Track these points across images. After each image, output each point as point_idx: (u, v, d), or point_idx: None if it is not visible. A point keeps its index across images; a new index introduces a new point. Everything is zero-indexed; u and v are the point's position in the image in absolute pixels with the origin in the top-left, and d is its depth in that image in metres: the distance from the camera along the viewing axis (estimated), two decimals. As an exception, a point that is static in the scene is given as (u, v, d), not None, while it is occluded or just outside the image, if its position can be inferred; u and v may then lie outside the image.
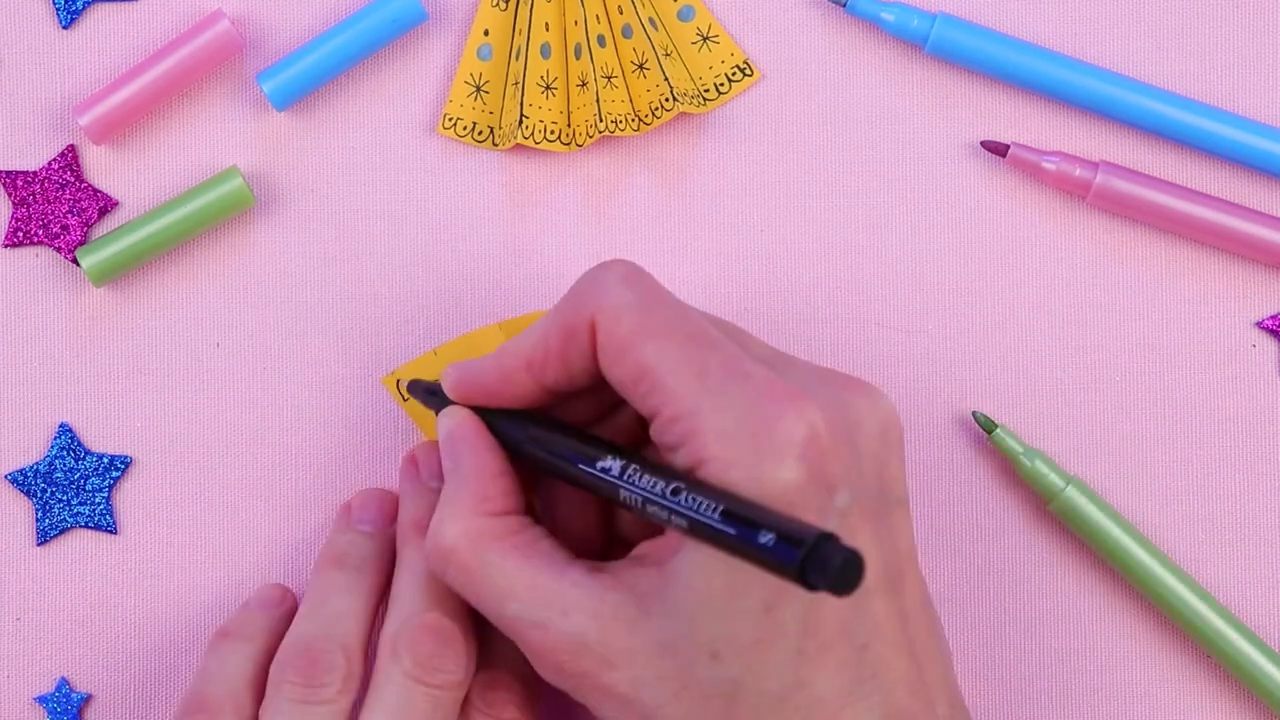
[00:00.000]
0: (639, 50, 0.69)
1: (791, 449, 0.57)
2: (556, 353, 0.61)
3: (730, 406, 0.58)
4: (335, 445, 0.70)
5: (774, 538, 0.52)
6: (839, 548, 0.51)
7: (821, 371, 0.61)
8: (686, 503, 0.56)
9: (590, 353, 0.60)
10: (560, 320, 0.61)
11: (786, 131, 0.70)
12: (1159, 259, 0.70)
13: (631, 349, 0.59)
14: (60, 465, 0.69)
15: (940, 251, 0.70)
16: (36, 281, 0.70)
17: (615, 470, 0.59)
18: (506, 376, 0.62)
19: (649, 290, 0.60)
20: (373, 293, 0.70)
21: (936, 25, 0.69)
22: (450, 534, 0.61)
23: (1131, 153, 0.70)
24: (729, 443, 0.57)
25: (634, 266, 0.61)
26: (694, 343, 0.59)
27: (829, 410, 0.58)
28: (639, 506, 0.58)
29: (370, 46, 0.69)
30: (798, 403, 0.58)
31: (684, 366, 0.58)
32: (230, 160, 0.70)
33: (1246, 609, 0.70)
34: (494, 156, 0.70)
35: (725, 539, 0.54)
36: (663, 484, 0.57)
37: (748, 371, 0.58)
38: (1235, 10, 0.70)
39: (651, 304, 0.60)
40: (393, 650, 0.62)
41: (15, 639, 0.69)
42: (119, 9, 0.70)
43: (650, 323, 0.59)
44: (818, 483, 0.57)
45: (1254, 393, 0.70)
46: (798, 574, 0.51)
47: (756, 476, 0.57)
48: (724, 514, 0.55)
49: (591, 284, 0.61)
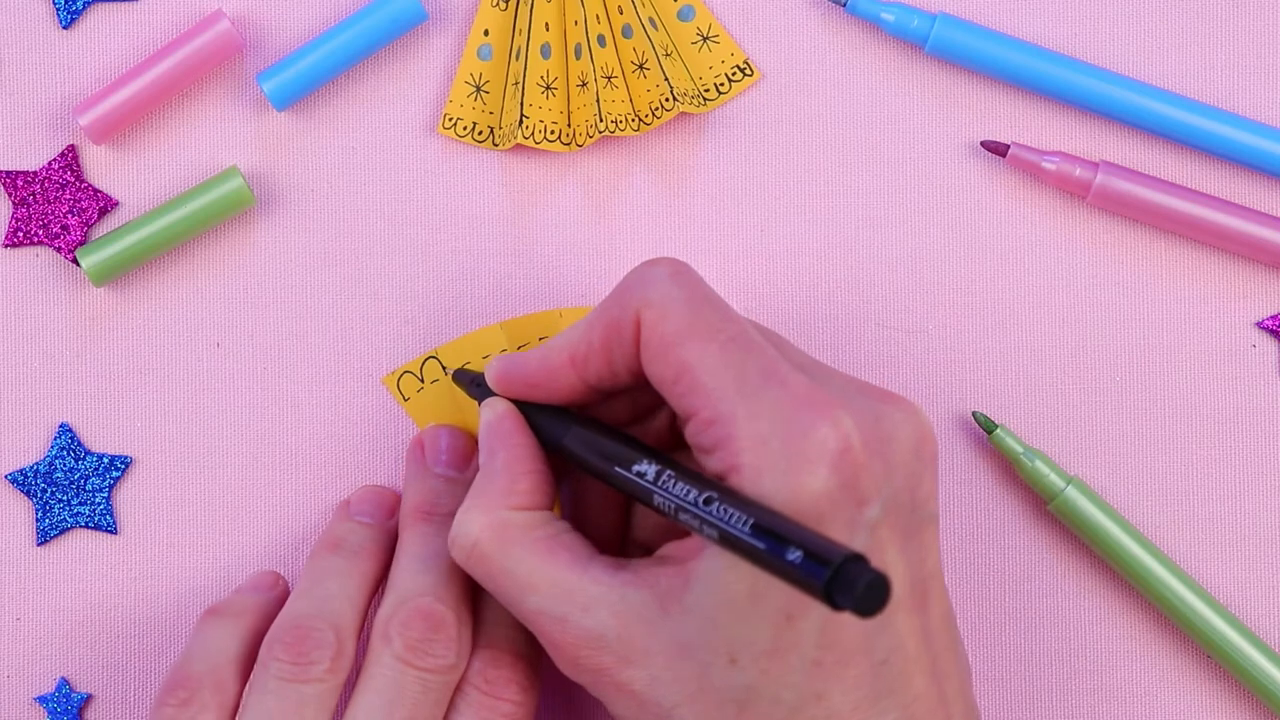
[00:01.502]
0: (639, 50, 0.69)
1: (824, 458, 0.57)
2: (600, 347, 0.61)
3: (765, 413, 0.58)
4: (335, 445, 0.70)
5: (802, 555, 0.53)
6: (866, 569, 0.51)
7: (859, 384, 0.61)
8: (718, 513, 0.56)
9: (633, 349, 0.61)
10: (605, 314, 0.61)
11: (786, 131, 0.70)
12: (1159, 259, 0.70)
13: (673, 347, 0.59)
14: (60, 465, 0.69)
15: (940, 251, 0.70)
16: (36, 281, 0.70)
17: (650, 475, 0.59)
18: (550, 370, 0.62)
19: (695, 289, 0.60)
20: (373, 293, 0.70)
21: (936, 25, 0.69)
22: (475, 525, 0.61)
23: (1131, 153, 0.70)
24: (762, 449, 0.57)
25: (682, 264, 0.61)
26: (735, 345, 0.59)
27: (864, 422, 0.58)
28: (671, 512, 0.58)
29: (370, 46, 0.69)
30: (833, 412, 0.58)
31: (723, 369, 0.59)
32: (230, 160, 0.70)
33: (1246, 609, 0.70)
34: (494, 156, 0.70)
35: (754, 552, 0.54)
36: (695, 492, 0.57)
37: (785, 378, 0.58)
38: (1235, 10, 0.70)
39: (697, 303, 0.60)
40: (385, 633, 0.62)
41: (15, 639, 0.69)
42: (119, 9, 0.70)
43: (694, 322, 0.59)
44: (849, 494, 0.57)
45: (1254, 393, 0.70)
46: (823, 593, 0.52)
47: (788, 484, 0.57)
48: (754, 527, 0.55)
49: (639, 279, 0.61)
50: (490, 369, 0.64)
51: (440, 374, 0.69)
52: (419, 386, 0.69)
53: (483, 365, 0.68)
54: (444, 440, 0.68)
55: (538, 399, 0.63)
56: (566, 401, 0.63)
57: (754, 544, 0.54)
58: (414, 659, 0.62)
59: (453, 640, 0.62)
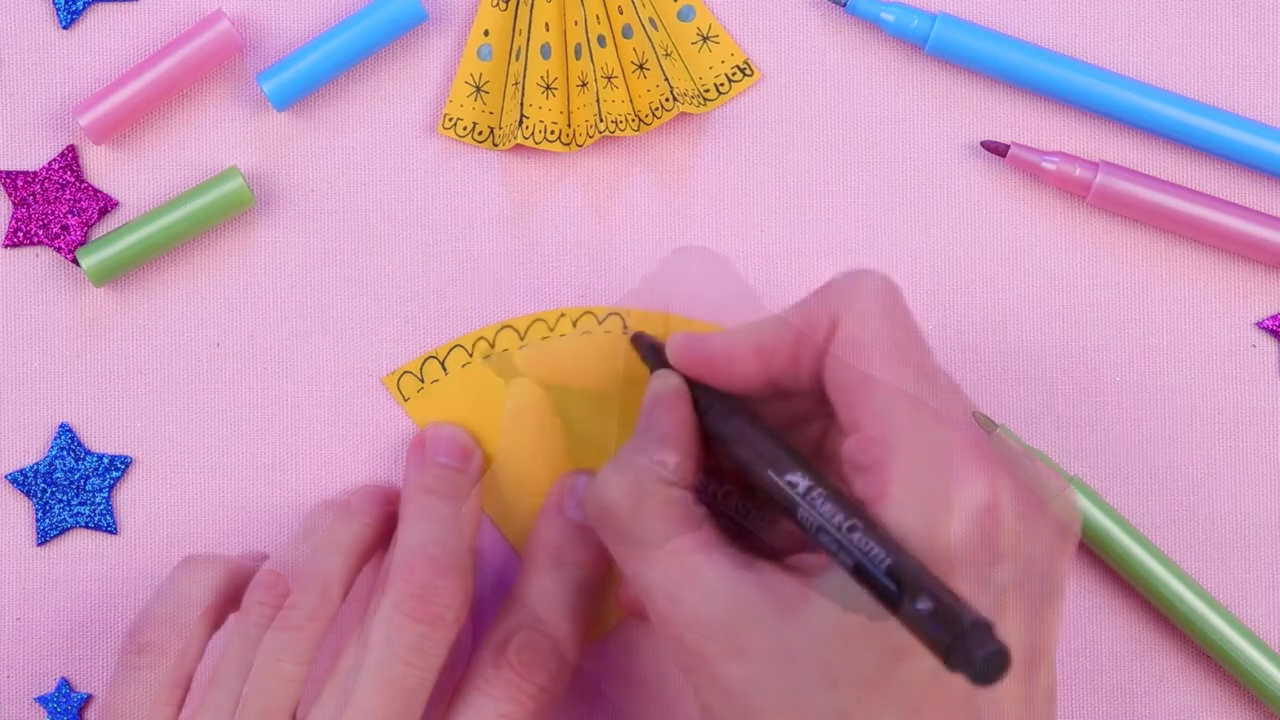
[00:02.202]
0: (639, 50, 0.69)
1: (971, 509, 0.57)
2: (790, 343, 0.61)
3: (928, 450, 0.58)
4: (335, 445, 0.70)
5: (931, 608, 0.53)
6: (991, 639, 0.51)
7: (1021, 452, 0.61)
8: (858, 543, 0.56)
9: (820, 352, 0.61)
10: (803, 310, 0.61)
11: (786, 131, 0.70)
12: (1159, 259, 0.70)
13: (861, 357, 0.59)
14: (60, 465, 0.69)
15: (940, 251, 0.70)
16: (36, 281, 0.70)
17: (801, 488, 0.59)
18: (733, 355, 0.62)
19: (898, 308, 0.61)
20: (373, 293, 0.70)
21: (936, 25, 0.69)
22: (617, 487, 0.61)
23: (1131, 153, 0.70)
24: (915, 484, 0.57)
25: (891, 282, 0.61)
26: (920, 375, 0.59)
27: (1019, 486, 0.58)
28: (811, 529, 0.58)
29: (370, 46, 0.69)
30: (991, 469, 0.58)
31: (902, 395, 0.59)
32: (230, 160, 0.70)
33: (1246, 609, 0.70)
34: (494, 156, 0.70)
35: (884, 591, 0.55)
36: (841, 517, 0.57)
37: (958, 423, 0.59)
38: (1235, 10, 0.70)
39: (896, 323, 0.60)
40: (386, 580, 0.62)
41: (15, 639, 0.69)
42: (119, 9, 0.70)
43: (888, 340, 0.60)
44: (985, 550, 0.57)
45: (1254, 393, 0.70)
46: (943, 651, 0.52)
47: (929, 524, 0.57)
48: (890, 569, 0.55)
49: (845, 285, 0.61)
50: (673, 341, 0.64)
51: (440, 374, 0.69)
52: (419, 386, 0.69)
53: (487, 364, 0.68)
54: (445, 436, 0.68)
55: (710, 381, 0.63)
56: (738, 389, 0.63)
57: (886, 584, 0.55)
58: (413, 609, 0.62)
59: (455, 590, 0.62)
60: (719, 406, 0.63)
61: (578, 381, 0.69)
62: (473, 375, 0.69)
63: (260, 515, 0.70)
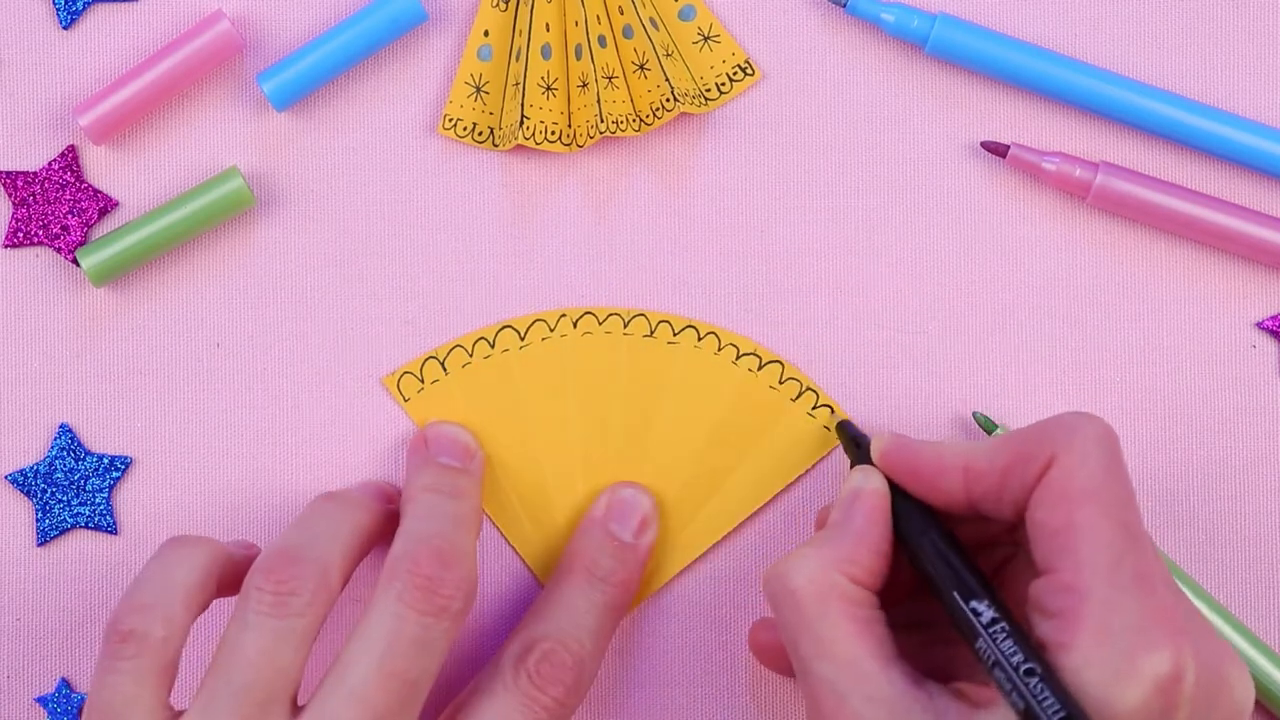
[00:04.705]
0: (640, 50, 0.69)
1: (1153, 680, 0.57)
2: (1001, 469, 0.61)
3: (1123, 610, 0.58)
4: (335, 445, 0.70)
5: None
6: None
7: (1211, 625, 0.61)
8: (1033, 689, 0.57)
9: (1030, 485, 0.61)
10: (1020, 441, 0.61)
11: (786, 131, 0.70)
12: (1159, 259, 0.70)
13: (1072, 501, 0.59)
14: (60, 465, 0.69)
15: (940, 251, 0.70)
16: (36, 281, 0.70)
17: (985, 619, 0.59)
18: (942, 469, 0.63)
19: (1115, 460, 0.61)
20: (373, 293, 0.70)
21: (936, 25, 0.69)
22: (805, 571, 0.61)
23: (1131, 153, 0.70)
24: (1102, 641, 0.57)
25: (1113, 432, 0.61)
26: (1127, 532, 0.59)
27: (1205, 661, 0.58)
28: (987, 662, 0.58)
29: (370, 46, 0.69)
30: (1180, 641, 0.58)
31: (1107, 548, 0.59)
32: (230, 160, 0.70)
33: (1246, 609, 0.70)
34: (494, 156, 0.70)
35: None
36: (1020, 657, 0.58)
37: (1156, 587, 0.58)
38: (1235, 10, 0.70)
39: (1112, 474, 0.60)
40: (392, 571, 0.62)
41: (15, 639, 0.69)
42: (119, 9, 0.70)
43: (1102, 490, 0.60)
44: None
45: (1254, 393, 0.70)
46: None
47: (1108, 685, 0.57)
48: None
49: (1067, 425, 0.61)
50: (881, 440, 0.64)
51: (440, 374, 0.69)
52: (419, 387, 0.69)
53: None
54: (447, 435, 0.68)
55: (910, 488, 0.63)
56: (935, 503, 0.63)
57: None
58: (417, 600, 0.61)
59: (461, 582, 0.62)
60: (915, 516, 0.63)
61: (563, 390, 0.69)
62: (473, 375, 0.69)
63: (260, 515, 0.70)
